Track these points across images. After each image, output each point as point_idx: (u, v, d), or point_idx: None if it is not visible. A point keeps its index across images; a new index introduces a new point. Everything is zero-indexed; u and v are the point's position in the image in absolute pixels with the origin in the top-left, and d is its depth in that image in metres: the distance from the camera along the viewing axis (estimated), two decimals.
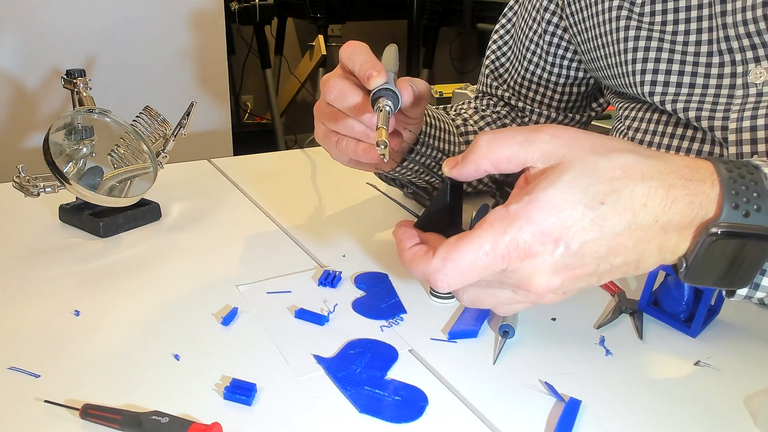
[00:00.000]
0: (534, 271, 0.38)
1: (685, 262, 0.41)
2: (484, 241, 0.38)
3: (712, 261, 0.40)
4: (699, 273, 0.41)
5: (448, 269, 0.39)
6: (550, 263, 0.38)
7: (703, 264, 0.40)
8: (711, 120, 0.60)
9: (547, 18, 0.77)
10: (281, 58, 3.38)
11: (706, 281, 0.41)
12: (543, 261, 0.38)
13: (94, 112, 0.72)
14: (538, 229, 0.38)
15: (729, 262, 0.40)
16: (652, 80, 0.63)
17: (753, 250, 0.40)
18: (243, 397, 0.44)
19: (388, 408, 0.44)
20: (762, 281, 0.42)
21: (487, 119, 0.83)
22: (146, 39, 1.79)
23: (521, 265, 0.38)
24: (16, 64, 1.65)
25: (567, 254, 0.38)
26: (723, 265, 0.40)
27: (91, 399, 0.44)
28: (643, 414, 0.45)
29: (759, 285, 0.42)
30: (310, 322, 0.54)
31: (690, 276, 0.41)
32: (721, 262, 0.40)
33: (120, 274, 0.62)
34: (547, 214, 0.38)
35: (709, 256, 0.40)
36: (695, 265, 0.40)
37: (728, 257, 0.40)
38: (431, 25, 3.12)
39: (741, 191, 0.39)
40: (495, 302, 0.43)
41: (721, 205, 0.39)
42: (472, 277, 0.39)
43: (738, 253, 0.40)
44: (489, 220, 0.39)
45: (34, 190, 0.67)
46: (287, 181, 0.89)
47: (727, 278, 0.41)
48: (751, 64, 0.58)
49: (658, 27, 0.63)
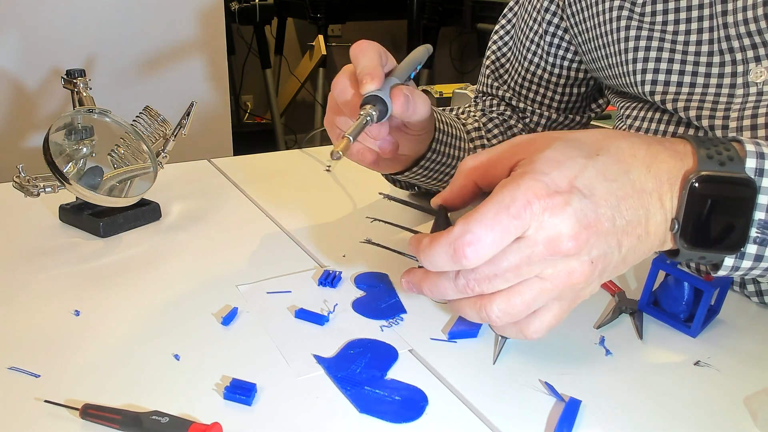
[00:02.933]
0: (557, 221, 0.38)
1: (677, 222, 0.41)
2: (503, 197, 0.38)
3: (699, 213, 0.41)
4: (690, 230, 0.41)
5: (473, 228, 0.38)
6: (571, 212, 0.38)
7: (691, 218, 0.41)
8: (711, 119, 0.60)
9: (548, 18, 0.77)
10: (281, 58, 3.38)
11: (699, 240, 0.42)
12: (562, 210, 0.38)
13: (94, 112, 0.72)
14: (548, 179, 0.38)
15: (713, 211, 0.41)
16: (652, 79, 0.63)
17: (733, 196, 0.41)
18: (243, 397, 0.44)
19: (388, 408, 0.44)
20: (747, 248, 0.42)
21: (494, 121, 0.83)
22: (146, 39, 1.79)
23: (544, 218, 0.38)
24: (16, 64, 1.65)
25: (584, 202, 0.38)
26: (709, 216, 0.41)
27: (91, 399, 0.44)
28: (643, 414, 0.45)
29: (745, 253, 0.43)
30: (310, 322, 0.54)
31: (684, 235, 0.42)
32: (706, 212, 0.41)
33: (120, 274, 0.62)
34: (551, 167, 0.39)
35: (694, 206, 0.41)
36: (685, 222, 0.41)
37: (712, 207, 0.41)
38: (431, 25, 3.12)
39: (712, 147, 0.42)
40: (528, 300, 0.40)
41: (695, 157, 0.41)
42: (500, 237, 0.38)
43: (720, 202, 0.41)
44: (498, 186, 0.39)
45: (34, 190, 0.67)
46: (287, 181, 0.89)
47: (719, 234, 0.42)
48: (752, 64, 0.58)
49: (659, 27, 0.63)
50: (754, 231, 0.42)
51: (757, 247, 0.42)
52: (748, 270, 0.44)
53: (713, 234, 0.42)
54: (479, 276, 0.40)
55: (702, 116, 0.60)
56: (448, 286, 0.41)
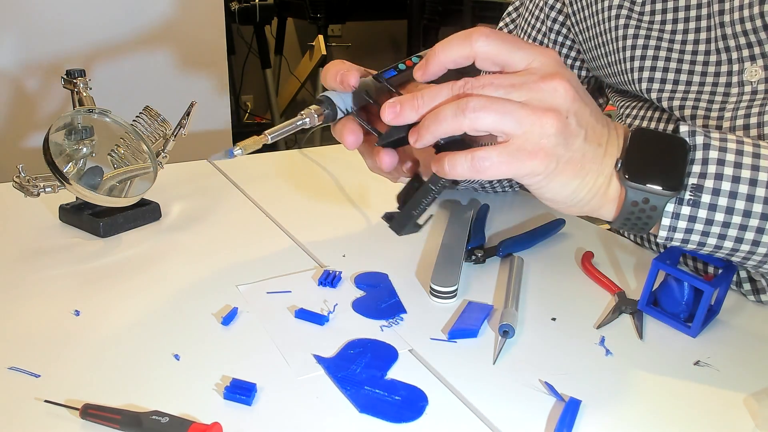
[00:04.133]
0: (559, 72, 0.43)
1: (620, 161, 0.45)
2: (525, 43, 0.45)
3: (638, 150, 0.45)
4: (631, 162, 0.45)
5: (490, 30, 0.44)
6: (568, 84, 0.43)
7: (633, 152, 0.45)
8: (706, 118, 0.60)
9: (552, 16, 0.77)
10: (281, 58, 3.38)
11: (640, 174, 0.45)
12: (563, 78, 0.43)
13: (94, 112, 0.72)
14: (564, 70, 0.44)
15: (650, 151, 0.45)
16: (649, 77, 0.64)
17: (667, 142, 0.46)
18: (243, 397, 0.44)
19: (388, 408, 0.44)
20: (682, 210, 0.45)
21: None
22: (146, 39, 1.79)
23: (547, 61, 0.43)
24: (16, 64, 1.65)
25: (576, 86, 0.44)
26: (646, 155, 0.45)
27: (91, 399, 0.44)
28: (643, 414, 0.45)
29: (679, 215, 0.45)
30: (310, 322, 0.54)
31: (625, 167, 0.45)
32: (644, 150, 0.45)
33: (120, 274, 0.62)
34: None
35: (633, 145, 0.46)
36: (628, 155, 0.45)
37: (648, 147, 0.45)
38: (431, 25, 3.12)
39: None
40: (502, 111, 0.43)
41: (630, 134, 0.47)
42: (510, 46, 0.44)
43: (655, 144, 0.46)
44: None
45: (34, 190, 0.67)
46: (287, 181, 0.89)
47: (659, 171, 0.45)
48: (747, 63, 0.58)
49: (657, 26, 0.63)
50: (687, 194, 0.44)
51: (690, 208, 0.45)
52: (686, 233, 0.46)
53: (650, 170, 0.45)
54: (477, 83, 0.44)
55: (697, 115, 0.61)
56: (444, 91, 0.45)
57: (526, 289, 0.60)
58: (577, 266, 0.65)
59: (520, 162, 0.43)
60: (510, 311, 0.54)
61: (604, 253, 0.68)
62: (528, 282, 0.62)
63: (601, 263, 0.66)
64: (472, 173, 0.43)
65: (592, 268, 0.64)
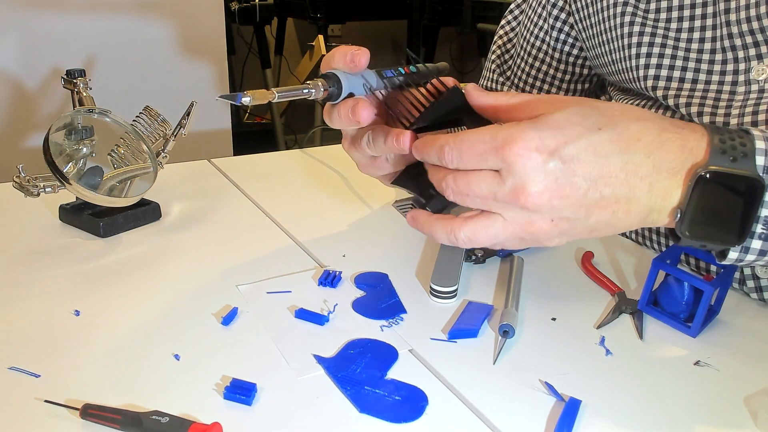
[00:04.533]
0: (527, 174, 0.41)
1: (680, 212, 0.42)
2: (501, 130, 0.42)
3: (705, 207, 0.42)
4: (694, 221, 0.42)
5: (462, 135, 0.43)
6: (543, 171, 0.41)
7: (696, 210, 0.42)
8: (713, 116, 0.60)
9: (555, 14, 0.77)
10: (281, 58, 3.38)
11: (702, 233, 0.43)
12: (536, 167, 0.41)
13: (94, 112, 0.72)
14: (542, 135, 0.40)
15: (717, 205, 0.42)
16: (655, 75, 0.64)
17: (739, 193, 0.42)
18: (243, 397, 0.44)
19: (388, 408, 0.44)
20: (752, 244, 0.43)
21: None
22: (146, 39, 1.79)
23: (518, 166, 0.41)
24: (16, 64, 1.65)
25: (559, 168, 0.41)
26: (715, 211, 0.42)
27: (91, 399, 0.44)
28: (643, 414, 0.45)
29: (749, 248, 0.43)
30: (310, 322, 0.54)
31: (687, 225, 0.42)
32: (713, 207, 0.42)
33: (120, 274, 0.62)
34: (551, 127, 0.41)
35: (701, 200, 0.42)
36: (690, 212, 0.42)
37: (716, 202, 0.42)
38: (431, 25, 3.12)
39: (728, 141, 0.42)
40: (491, 234, 0.44)
41: (708, 151, 0.42)
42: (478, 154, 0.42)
43: (725, 197, 0.42)
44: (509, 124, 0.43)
45: (34, 190, 0.67)
46: (287, 181, 0.89)
47: (722, 228, 0.42)
48: (753, 61, 0.58)
49: (663, 24, 0.63)
50: (759, 227, 0.42)
51: (762, 242, 0.43)
52: (752, 262, 0.45)
53: (714, 227, 0.43)
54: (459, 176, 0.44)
55: (703, 113, 0.61)
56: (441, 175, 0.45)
57: (526, 289, 0.60)
58: (577, 266, 0.65)
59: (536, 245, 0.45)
60: (510, 311, 0.54)
61: (604, 253, 0.68)
62: (528, 282, 0.62)
63: (601, 263, 0.66)
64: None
65: (592, 268, 0.64)
